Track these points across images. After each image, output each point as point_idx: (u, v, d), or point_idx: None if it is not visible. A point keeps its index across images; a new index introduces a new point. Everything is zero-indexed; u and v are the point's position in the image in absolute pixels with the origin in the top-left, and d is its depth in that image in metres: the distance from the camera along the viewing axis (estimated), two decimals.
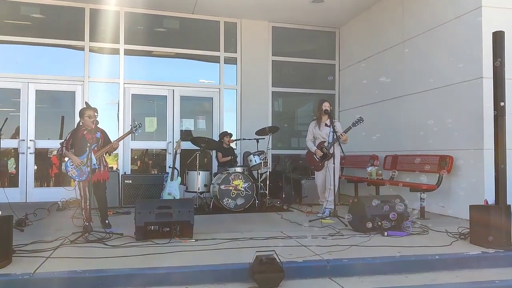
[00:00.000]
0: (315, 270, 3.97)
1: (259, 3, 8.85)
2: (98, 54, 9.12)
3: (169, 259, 4.06)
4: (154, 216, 4.85)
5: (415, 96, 7.59)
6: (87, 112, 5.65)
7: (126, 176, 8.05)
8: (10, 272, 3.60)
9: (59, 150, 6.01)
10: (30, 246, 4.43)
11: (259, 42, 9.93)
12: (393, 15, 8.28)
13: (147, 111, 9.65)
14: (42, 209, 6.84)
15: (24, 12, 8.72)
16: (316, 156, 6.68)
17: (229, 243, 4.73)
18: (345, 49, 10.28)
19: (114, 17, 9.01)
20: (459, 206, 6.36)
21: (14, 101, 8.60)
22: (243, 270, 3.82)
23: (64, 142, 5.69)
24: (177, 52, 9.63)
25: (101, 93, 9.02)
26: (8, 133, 8.19)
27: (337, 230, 5.42)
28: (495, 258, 4.39)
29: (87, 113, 5.64)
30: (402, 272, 4.07)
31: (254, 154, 7.73)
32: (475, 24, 6.33)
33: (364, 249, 4.47)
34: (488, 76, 5.57)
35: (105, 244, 4.63)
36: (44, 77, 8.70)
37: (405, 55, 7.91)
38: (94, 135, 5.65)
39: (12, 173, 8.56)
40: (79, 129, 5.71)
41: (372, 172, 7.74)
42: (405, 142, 7.80)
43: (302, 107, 10.89)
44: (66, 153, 5.62)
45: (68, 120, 8.86)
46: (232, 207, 7.21)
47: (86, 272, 3.65)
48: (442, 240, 4.90)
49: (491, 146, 5.01)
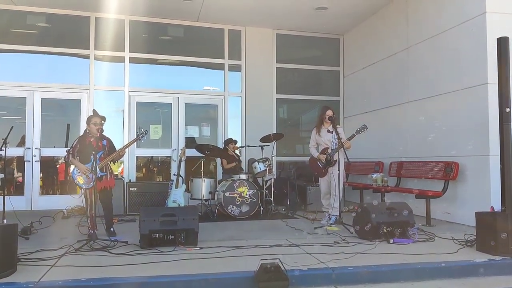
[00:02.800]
0: (320, 278, 3.94)
1: (263, 11, 8.88)
2: (103, 62, 9.17)
3: (173, 267, 4.05)
4: (158, 224, 4.85)
5: (420, 103, 7.57)
6: (93, 119, 5.69)
7: (131, 184, 8.06)
8: (15, 281, 3.60)
9: (65, 157, 6.05)
10: (35, 254, 4.44)
11: (263, 49, 9.96)
12: (397, 22, 8.28)
13: (152, 119, 9.68)
14: (48, 217, 6.84)
15: (30, 21, 8.82)
16: (320, 163, 6.65)
17: (234, 251, 4.72)
18: (349, 56, 10.29)
19: (119, 26, 9.08)
20: (465, 212, 6.31)
21: (20, 109, 8.66)
22: (248, 278, 3.80)
23: (70, 149, 5.71)
24: (182, 60, 9.67)
25: (106, 101, 9.06)
26: (14, 141, 8.22)
27: (343, 237, 5.39)
28: (502, 266, 4.34)
29: (93, 120, 5.68)
30: (408, 280, 4.04)
31: (259, 161, 7.72)
32: (480, 30, 6.32)
33: (369, 257, 4.44)
34: (493, 82, 5.55)
35: (110, 252, 4.63)
36: (49, 85, 8.75)
37: (409, 62, 7.90)
38: (100, 142, 5.68)
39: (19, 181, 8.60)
40: (86, 136, 5.74)
41: (377, 179, 7.70)
42: (410, 149, 7.77)
43: (306, 113, 10.88)
44: (72, 160, 5.63)
45: (73, 128, 8.92)
46: (237, 215, 7.20)
47: (91, 281, 3.64)
48: (448, 247, 4.87)
49: (497, 152, 4.99)
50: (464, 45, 6.64)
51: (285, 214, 7.70)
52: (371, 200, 7.63)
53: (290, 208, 8.01)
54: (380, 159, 8.41)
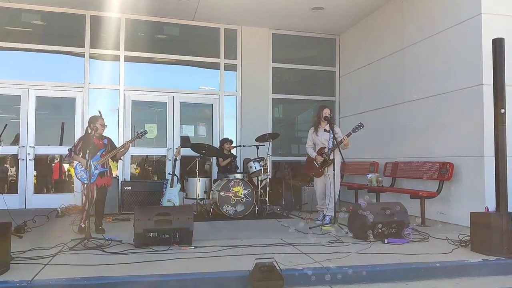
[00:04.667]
0: (315, 277, 3.93)
1: (259, 10, 8.87)
2: (99, 61, 9.13)
3: (168, 266, 4.04)
4: (153, 223, 4.83)
5: (415, 103, 7.59)
6: (100, 120, 5.95)
7: (126, 183, 8.03)
8: (8, 280, 3.57)
9: (66, 156, 6.21)
10: (28, 253, 4.41)
11: (259, 48, 9.95)
12: (393, 22, 8.30)
13: (147, 118, 9.66)
14: (42, 216, 6.81)
15: (25, 19, 8.76)
16: (316, 162, 6.66)
17: (229, 250, 4.71)
18: (345, 56, 10.30)
19: (115, 24, 9.04)
20: (460, 213, 6.33)
21: (14, 108, 8.60)
22: (243, 278, 3.79)
23: (72, 147, 5.91)
24: (178, 59, 9.65)
25: (101, 99, 9.01)
26: (8, 140, 8.18)
27: (337, 237, 5.39)
28: (496, 266, 4.36)
29: (100, 120, 5.93)
30: (403, 279, 4.05)
31: (254, 160, 7.71)
32: (475, 31, 6.35)
33: (364, 257, 4.44)
34: (488, 83, 5.57)
35: (104, 251, 4.60)
36: (44, 83, 8.71)
37: (405, 62, 7.92)
38: (101, 141, 5.94)
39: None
40: (88, 135, 5.89)
41: (372, 179, 7.74)
42: (405, 149, 7.78)
43: (302, 113, 10.88)
44: (74, 156, 5.85)
45: (68, 126, 8.88)
46: (232, 214, 7.19)
47: (85, 280, 3.63)
48: (442, 247, 4.88)
49: (491, 153, 5.00)
50: (459, 46, 6.66)
51: (280, 213, 7.70)
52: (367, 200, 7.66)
53: (285, 207, 8.01)
54: (375, 159, 8.42)
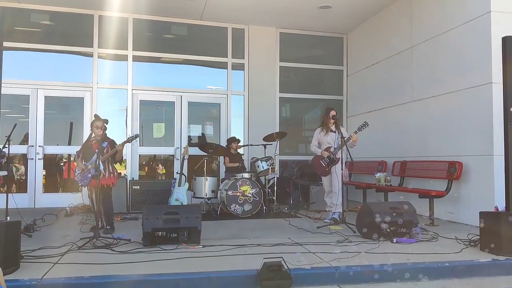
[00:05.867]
0: (323, 277, 3.93)
1: (266, 9, 8.86)
2: (107, 61, 9.18)
3: (176, 266, 4.05)
4: (161, 222, 4.85)
5: (424, 102, 7.54)
6: (95, 123, 5.97)
7: (134, 182, 8.06)
8: (18, 278, 3.61)
9: (75, 157, 6.44)
10: (38, 251, 4.45)
11: (266, 48, 9.94)
12: (401, 21, 8.25)
13: (155, 117, 9.68)
14: (51, 215, 6.87)
15: (34, 19, 8.82)
16: (323, 161, 6.67)
17: (237, 249, 4.71)
18: (352, 55, 10.26)
19: (123, 24, 9.08)
20: (469, 212, 6.29)
21: (23, 107, 8.67)
22: (251, 277, 3.80)
23: (77, 151, 6.15)
24: (185, 58, 9.67)
25: (109, 99, 9.08)
26: (17, 139, 8.24)
27: (346, 236, 5.38)
28: (506, 266, 4.32)
29: (95, 124, 5.97)
30: (411, 279, 4.03)
31: (262, 160, 7.71)
32: (484, 29, 6.29)
33: (372, 256, 4.42)
34: (498, 82, 5.52)
35: (112, 250, 4.63)
36: (53, 83, 8.76)
37: (413, 61, 7.87)
38: (101, 144, 5.87)
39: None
40: (89, 139, 6.06)
41: (380, 178, 7.70)
42: (413, 148, 7.74)
43: (309, 112, 10.87)
44: (76, 160, 6.07)
45: (76, 126, 8.93)
46: (239, 213, 7.20)
47: (94, 278, 3.65)
48: (452, 247, 4.85)
49: (501, 152, 4.97)
50: (468, 44, 6.61)
51: (288, 213, 7.69)
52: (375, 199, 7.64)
53: (293, 207, 8.00)
54: (383, 159, 8.38)
